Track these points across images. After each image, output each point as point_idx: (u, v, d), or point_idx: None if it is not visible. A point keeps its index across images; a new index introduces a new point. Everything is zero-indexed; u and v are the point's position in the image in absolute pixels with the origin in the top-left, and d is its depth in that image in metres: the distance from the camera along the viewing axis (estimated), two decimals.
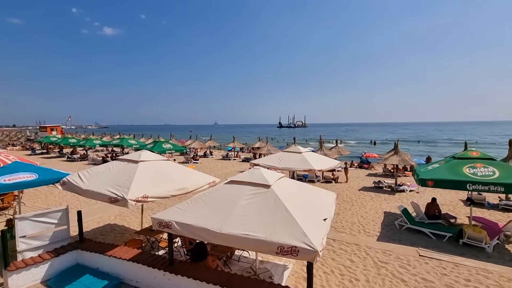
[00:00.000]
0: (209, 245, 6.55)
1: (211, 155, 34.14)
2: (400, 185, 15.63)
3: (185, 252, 7.07)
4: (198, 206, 5.18)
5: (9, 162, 9.14)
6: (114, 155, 30.56)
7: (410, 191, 15.31)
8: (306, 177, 17.85)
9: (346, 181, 17.98)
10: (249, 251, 7.34)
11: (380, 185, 16.19)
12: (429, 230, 9.15)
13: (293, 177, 15.69)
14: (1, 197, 11.50)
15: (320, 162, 11.81)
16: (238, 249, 7.16)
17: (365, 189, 16.08)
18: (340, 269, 7.03)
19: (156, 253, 6.71)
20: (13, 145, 47.66)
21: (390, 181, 17.11)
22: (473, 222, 9.59)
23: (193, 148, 33.15)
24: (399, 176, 18.42)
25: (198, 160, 28.79)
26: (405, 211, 9.90)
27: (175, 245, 7.45)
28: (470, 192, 10.01)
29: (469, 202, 9.89)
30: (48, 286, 5.93)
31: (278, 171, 10.01)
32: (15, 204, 11.53)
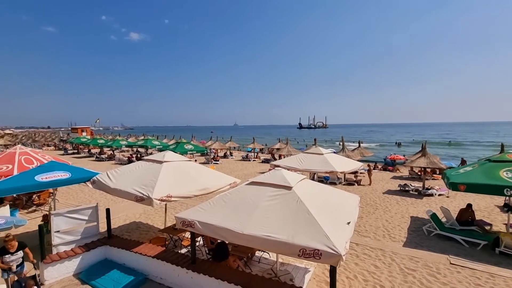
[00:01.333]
0: (230, 245, 6.61)
1: (231, 156, 34.49)
2: (428, 189, 14.86)
3: (207, 251, 7.18)
4: (220, 206, 5.24)
5: (46, 162, 9.80)
6: (139, 155, 31.77)
7: (439, 195, 14.51)
8: (327, 179, 17.50)
9: (370, 184, 17.40)
10: (269, 253, 7.32)
11: (406, 188, 15.49)
12: (461, 237, 8.61)
13: (313, 179, 15.45)
14: (38, 194, 12.37)
15: (343, 164, 11.52)
16: (259, 250, 7.17)
17: (390, 192, 15.46)
18: (364, 274, 6.80)
19: (179, 251, 6.88)
20: (48, 145, 51.16)
21: (417, 184, 16.33)
22: (510, 230, 8.89)
23: (214, 149, 33.69)
24: (427, 179, 17.53)
25: (218, 160, 29.20)
26: (434, 216, 9.39)
27: (197, 244, 7.59)
28: (507, 198, 9.30)
29: (507, 208, 9.20)
30: (80, 279, 6.27)
31: (299, 172, 9.90)
32: (50, 200, 12.35)
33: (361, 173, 18.27)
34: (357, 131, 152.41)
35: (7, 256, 5.45)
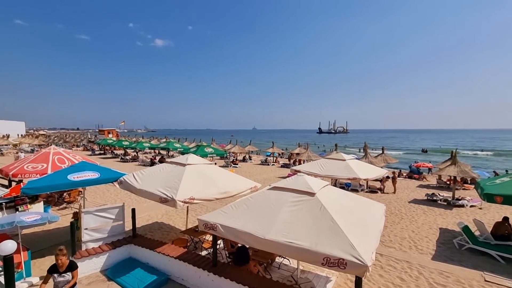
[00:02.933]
0: (250, 250, 6.59)
1: (250, 159, 34.61)
2: (458, 199, 14.00)
3: (227, 255, 7.21)
4: (242, 210, 5.25)
5: (76, 162, 10.35)
6: (161, 157, 32.72)
7: (471, 206, 13.61)
8: (348, 186, 17.02)
9: (394, 192, 16.71)
10: (290, 259, 7.21)
11: (434, 198, 14.70)
12: (496, 252, 8.00)
13: (335, 185, 15.10)
14: (68, 192, 13.07)
15: (366, 171, 11.16)
16: (279, 256, 7.08)
17: (416, 201, 14.75)
18: (388, 287, 6.51)
19: (200, 253, 6.95)
20: (77, 146, 54.12)
21: (446, 194, 15.45)
22: None
23: (233, 152, 33.98)
24: (457, 189, 16.54)
25: (237, 164, 29.40)
26: (466, 228, 8.82)
27: (218, 247, 7.64)
28: None
29: None
30: (106, 275, 6.52)
31: (319, 178, 9.71)
32: (79, 198, 13.02)
33: (385, 180, 17.58)
34: (380, 136, 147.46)
35: (55, 274, 4.60)
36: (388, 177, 17.58)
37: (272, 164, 30.83)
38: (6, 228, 5.47)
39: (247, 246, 6.05)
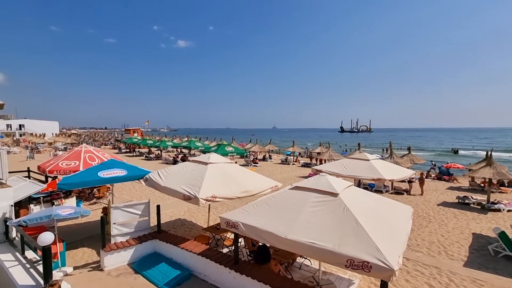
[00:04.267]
0: (271, 249, 6.59)
1: (270, 159, 34.55)
2: (494, 203, 13.06)
3: (248, 253, 7.26)
4: (263, 209, 5.26)
5: (105, 160, 10.90)
6: (184, 156, 33.60)
7: (508, 211, 12.65)
8: (372, 186, 16.46)
9: (421, 194, 15.92)
10: (311, 260, 7.13)
11: (466, 201, 13.82)
12: None
13: (358, 186, 14.69)
14: (98, 188, 13.80)
15: (391, 171, 10.73)
16: (300, 256, 7.02)
17: (445, 204, 13.95)
18: None
19: (221, 250, 7.06)
20: (105, 144, 57.00)
21: (479, 197, 14.46)
22: None
23: (253, 151, 34.09)
24: (493, 192, 15.43)
25: (257, 163, 29.47)
26: (502, 234, 8.22)
27: (239, 245, 7.72)
28: None
29: None
30: (133, 268, 6.82)
31: (342, 178, 9.48)
32: (108, 194, 13.70)
33: (411, 181, 16.79)
34: (406, 136, 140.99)
35: None
36: (414, 180, 16.81)
37: (293, 164, 30.57)
38: (44, 220, 5.88)
39: (268, 245, 6.06)
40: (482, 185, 17.75)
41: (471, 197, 14.17)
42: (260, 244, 6.37)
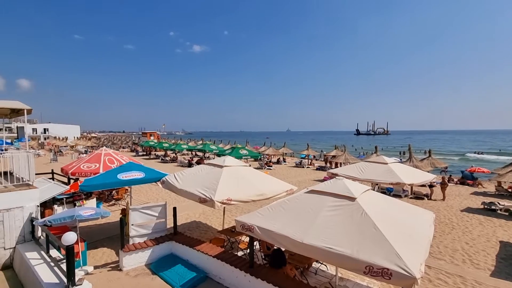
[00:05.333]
0: (286, 253, 6.52)
1: (284, 162, 34.36)
2: None
3: (263, 257, 7.21)
4: (279, 213, 5.23)
5: (124, 162, 11.23)
6: (200, 159, 34.05)
7: None
8: (390, 191, 15.97)
9: (443, 199, 15.26)
10: (327, 265, 6.99)
11: (493, 207, 13.10)
12: None
13: (375, 190, 14.30)
14: (117, 190, 14.22)
15: (411, 175, 10.36)
16: (316, 261, 6.90)
17: (470, 210, 13.30)
18: None
19: (236, 253, 7.06)
20: (123, 147, 58.77)
21: (507, 203, 13.69)
22: None
23: (267, 154, 34.05)
24: None
25: (271, 166, 29.39)
26: None
27: (253, 248, 7.70)
28: None
29: None
30: (150, 269, 6.95)
31: (358, 182, 9.27)
32: (126, 196, 14.08)
33: (432, 185, 16.12)
34: (425, 138, 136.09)
35: None
36: (435, 184, 16.16)
37: (307, 167, 30.24)
38: (67, 220, 6.12)
39: (283, 249, 6.00)
40: (510, 190, 16.81)
41: (498, 203, 13.43)
42: (275, 248, 6.32)
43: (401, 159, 20.63)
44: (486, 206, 13.36)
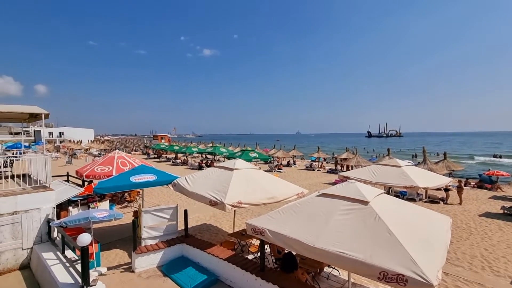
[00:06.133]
0: (297, 257, 6.45)
1: (294, 164, 34.16)
2: None
3: (273, 260, 7.16)
4: (290, 216, 5.17)
5: (136, 165, 11.42)
6: (207, 161, 34.32)
7: None
8: (404, 194, 15.59)
9: (460, 203, 14.78)
10: (339, 270, 6.86)
11: None
12: None
13: (388, 194, 14.00)
14: (129, 192, 14.47)
15: (425, 178, 10.06)
16: (328, 266, 6.79)
17: (488, 215, 12.82)
18: None
19: (246, 256, 7.03)
20: (135, 150, 59.88)
21: None
22: None
23: (277, 157, 33.94)
24: None
25: (281, 169, 29.26)
26: None
27: (264, 252, 7.66)
28: None
29: None
30: (161, 271, 7.00)
31: (370, 185, 9.08)
32: (138, 198, 14.30)
33: (448, 189, 15.64)
34: (439, 140, 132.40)
35: None
36: (451, 188, 15.68)
37: (318, 170, 29.95)
38: (82, 222, 6.26)
39: (294, 253, 5.93)
40: None
41: None
42: (286, 251, 6.26)
43: (416, 162, 20.11)
44: (506, 211, 12.83)
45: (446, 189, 15.24)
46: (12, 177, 9.30)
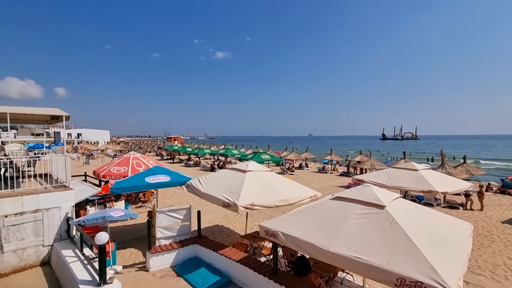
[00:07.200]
0: (310, 261, 6.37)
1: (307, 167, 33.86)
2: None
3: (286, 263, 7.10)
4: (303, 219, 5.13)
5: (151, 166, 11.65)
6: (220, 163, 34.56)
7: None
8: (421, 199, 15.10)
9: (481, 209, 14.17)
10: (353, 275, 6.72)
11: None
12: None
13: (404, 198, 13.63)
14: (143, 192, 14.76)
15: (444, 183, 9.72)
16: (342, 271, 6.67)
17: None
18: None
19: (259, 259, 7.01)
20: (149, 152, 61.12)
21: None
22: None
23: (289, 159, 33.76)
24: None
25: (294, 171, 29.08)
26: None
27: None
28: None
29: None
30: (175, 271, 7.10)
31: (386, 189, 8.86)
32: (152, 198, 14.58)
33: (469, 194, 14.99)
34: (458, 143, 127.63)
35: None
36: (472, 193, 15.03)
37: (330, 172, 29.56)
38: (99, 221, 6.44)
39: (307, 257, 5.86)
40: None
41: None
42: (299, 255, 6.19)
43: (432, 166, 19.47)
44: None
45: (467, 195, 14.63)
46: (35, 176, 9.71)
